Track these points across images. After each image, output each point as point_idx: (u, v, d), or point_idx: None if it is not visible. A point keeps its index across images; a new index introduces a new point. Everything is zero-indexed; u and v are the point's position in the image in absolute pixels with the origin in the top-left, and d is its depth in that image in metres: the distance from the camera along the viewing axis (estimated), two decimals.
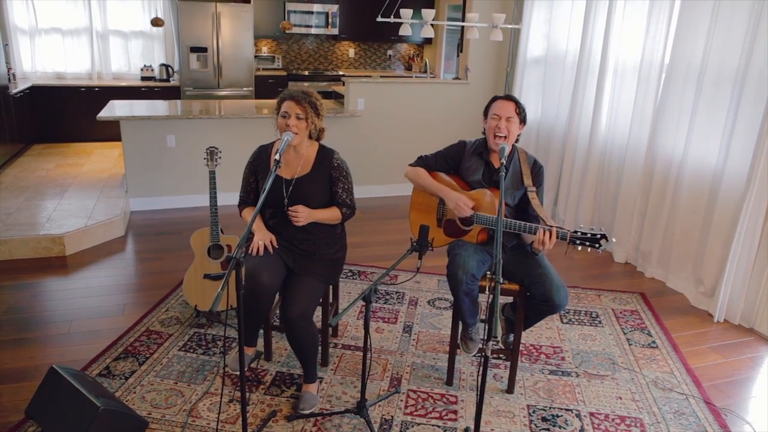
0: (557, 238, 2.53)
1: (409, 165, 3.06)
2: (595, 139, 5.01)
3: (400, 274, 4.32)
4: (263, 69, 8.55)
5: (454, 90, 6.43)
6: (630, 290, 4.25)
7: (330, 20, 8.59)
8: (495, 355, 3.21)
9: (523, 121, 2.80)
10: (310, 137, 2.76)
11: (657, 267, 4.48)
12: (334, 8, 8.56)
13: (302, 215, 2.64)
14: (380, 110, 6.16)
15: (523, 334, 3.30)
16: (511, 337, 3.00)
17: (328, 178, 2.77)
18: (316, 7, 8.48)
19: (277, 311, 3.40)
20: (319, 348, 3.00)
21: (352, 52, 9.32)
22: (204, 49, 7.72)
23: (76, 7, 7.75)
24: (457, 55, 7.10)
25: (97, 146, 7.58)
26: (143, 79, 8.08)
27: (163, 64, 8.11)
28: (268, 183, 2.31)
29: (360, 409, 2.64)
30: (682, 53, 4.13)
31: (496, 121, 2.77)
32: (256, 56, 8.42)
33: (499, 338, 1.99)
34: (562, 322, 3.72)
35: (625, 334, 3.61)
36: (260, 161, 2.83)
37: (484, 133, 2.89)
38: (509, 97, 2.79)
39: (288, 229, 2.76)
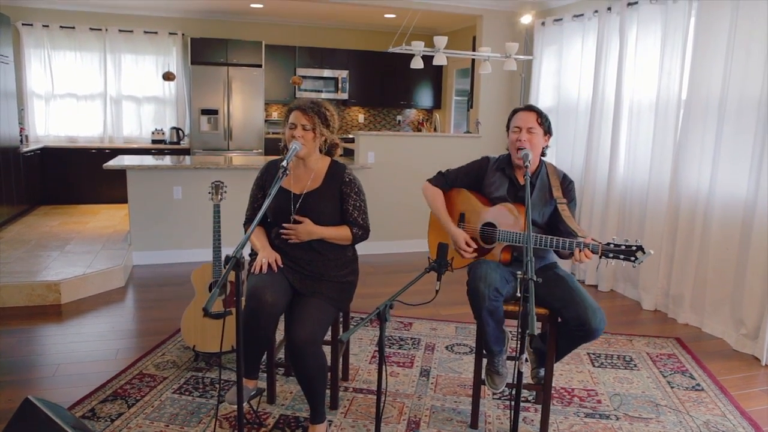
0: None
1: (428, 180, 2.88)
2: (613, 184, 4.84)
3: (415, 321, 4.04)
4: (273, 133, 8.60)
5: (465, 143, 6.35)
6: (664, 335, 3.93)
7: (340, 85, 8.72)
8: (524, 398, 2.89)
9: (547, 131, 2.63)
10: (320, 151, 2.61)
11: (690, 312, 4.16)
12: (344, 74, 8.72)
13: (297, 232, 2.45)
14: (390, 164, 6.05)
15: (553, 376, 2.97)
16: (542, 372, 2.69)
17: (338, 194, 2.59)
18: (326, 73, 8.64)
19: (282, 351, 3.13)
20: (328, 391, 2.71)
21: (361, 117, 9.40)
22: (215, 112, 7.80)
23: (92, 72, 7.92)
24: (468, 110, 7.11)
25: (104, 207, 7.50)
26: (154, 142, 8.11)
27: (174, 128, 8.17)
28: (273, 189, 2.14)
29: None
30: (699, 86, 4.02)
31: (517, 133, 2.61)
32: (266, 120, 8.49)
33: (534, 334, 1.73)
34: (594, 365, 3.39)
35: (665, 377, 3.26)
36: (269, 176, 2.64)
37: (508, 149, 2.73)
38: (530, 107, 2.64)
39: (295, 249, 2.55)
